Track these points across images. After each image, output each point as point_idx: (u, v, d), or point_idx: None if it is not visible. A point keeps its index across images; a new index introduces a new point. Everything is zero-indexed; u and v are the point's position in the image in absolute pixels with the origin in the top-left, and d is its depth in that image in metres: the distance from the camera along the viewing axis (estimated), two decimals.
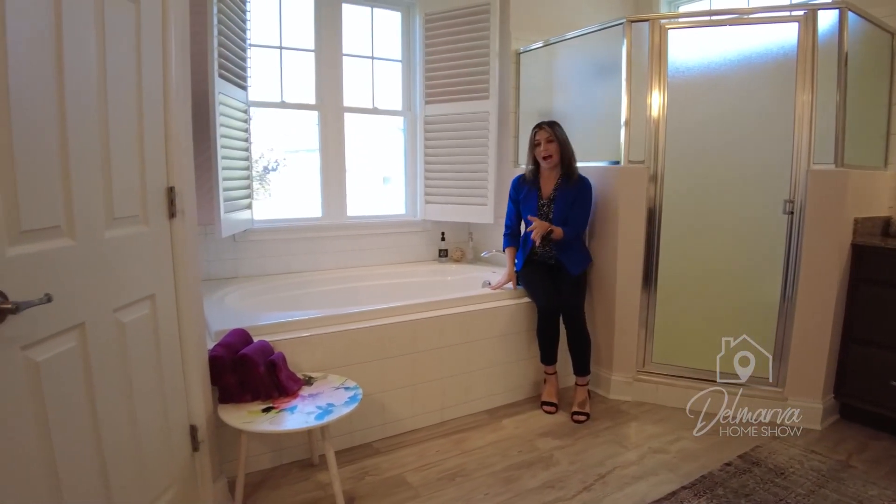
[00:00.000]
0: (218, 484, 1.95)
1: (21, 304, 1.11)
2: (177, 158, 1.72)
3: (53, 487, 1.22)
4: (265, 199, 3.83)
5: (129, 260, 1.52)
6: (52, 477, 1.22)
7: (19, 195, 1.14)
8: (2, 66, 1.09)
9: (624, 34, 2.70)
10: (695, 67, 2.64)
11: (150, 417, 1.60)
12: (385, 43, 3.65)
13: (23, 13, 1.14)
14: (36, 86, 1.19)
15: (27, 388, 1.17)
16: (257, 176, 3.88)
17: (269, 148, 3.83)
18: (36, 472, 1.18)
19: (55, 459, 1.22)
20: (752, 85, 2.52)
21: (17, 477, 1.13)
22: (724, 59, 2.56)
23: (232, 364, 2.00)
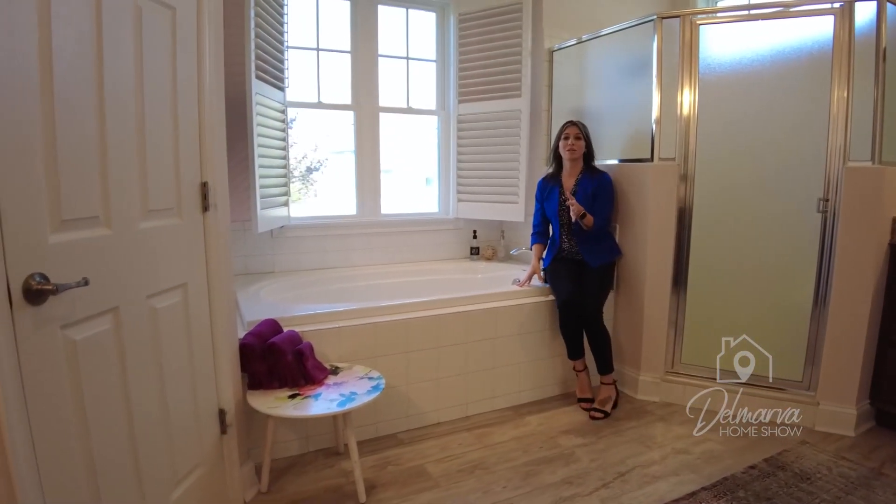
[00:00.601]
0: (245, 467, 2.05)
1: (60, 286, 1.22)
2: (210, 155, 1.82)
3: (87, 457, 1.33)
4: (310, 197, 3.99)
5: (162, 250, 1.63)
6: (86, 448, 1.33)
7: (61, 188, 1.25)
8: (48, 71, 1.20)
9: (654, 31, 2.67)
10: (726, 64, 2.59)
11: (180, 399, 1.70)
12: (420, 43, 3.71)
13: (66, 21, 1.24)
14: (78, 89, 1.29)
15: (66, 364, 1.28)
16: (301, 175, 4.03)
17: (313, 148, 3.97)
18: (72, 444, 1.28)
19: (89, 431, 1.33)
20: (786, 81, 2.45)
21: (55, 446, 1.23)
22: (757, 54, 2.50)
23: (261, 352, 2.09)
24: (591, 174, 2.87)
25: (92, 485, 1.34)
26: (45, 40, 1.19)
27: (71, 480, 1.28)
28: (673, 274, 2.79)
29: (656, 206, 2.78)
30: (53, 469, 1.23)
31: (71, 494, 1.28)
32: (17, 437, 1.13)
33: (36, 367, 1.19)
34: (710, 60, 2.61)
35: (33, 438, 1.18)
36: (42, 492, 1.19)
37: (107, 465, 1.39)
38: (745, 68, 2.53)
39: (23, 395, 1.15)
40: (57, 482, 1.23)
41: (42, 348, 1.21)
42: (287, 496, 2.07)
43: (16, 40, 1.12)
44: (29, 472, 1.16)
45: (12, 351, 1.13)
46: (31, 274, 1.18)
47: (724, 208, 2.67)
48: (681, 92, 2.66)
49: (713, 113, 2.64)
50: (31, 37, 1.15)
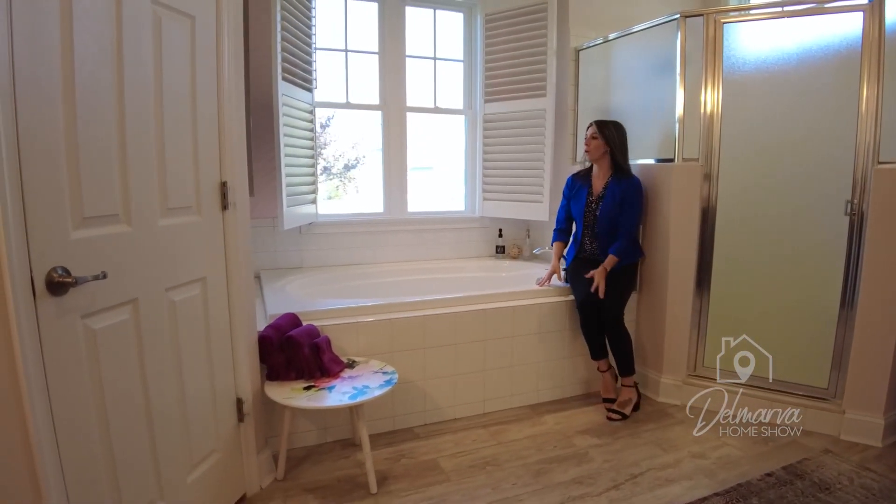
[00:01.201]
0: (262, 455, 2.14)
1: (79, 279, 1.32)
2: (230, 156, 1.91)
3: (105, 438, 1.43)
4: (351, 194, 4.09)
5: (181, 245, 1.72)
6: (105, 430, 1.43)
7: (83, 187, 1.35)
8: (70, 79, 1.29)
9: (678, 29, 2.62)
10: (751, 62, 2.52)
11: (197, 387, 1.80)
12: (448, 43, 3.74)
13: (88, 31, 1.34)
14: (99, 95, 1.39)
15: (85, 351, 1.38)
16: (339, 172, 4.14)
17: (351, 146, 4.06)
18: (91, 425, 1.39)
19: (107, 413, 1.43)
20: (812, 79, 2.37)
21: (75, 426, 1.33)
22: (783, 52, 2.42)
23: (279, 344, 2.18)
24: (621, 178, 2.80)
25: (109, 464, 1.44)
26: (68, 50, 1.28)
27: (89, 459, 1.38)
28: (696, 275, 2.73)
29: (679, 207, 2.73)
30: (73, 447, 1.33)
31: (89, 473, 1.38)
32: (38, 418, 1.22)
33: (57, 353, 1.29)
34: (735, 59, 2.54)
35: (54, 420, 1.27)
36: (62, 469, 1.29)
37: (124, 446, 1.49)
38: (771, 66, 2.45)
39: (44, 379, 1.26)
40: (76, 460, 1.33)
41: (63, 336, 1.32)
42: (301, 484, 2.15)
43: (39, 50, 1.21)
44: (49, 450, 1.26)
45: (35, 338, 1.23)
46: (54, 267, 1.28)
47: (749, 210, 2.60)
48: (704, 91, 2.60)
49: (738, 112, 2.58)
50: (54, 46, 1.25)
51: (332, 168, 4.28)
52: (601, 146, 2.79)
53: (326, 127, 4.53)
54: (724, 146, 2.61)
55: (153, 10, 1.56)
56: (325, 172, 4.35)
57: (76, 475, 1.33)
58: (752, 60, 2.51)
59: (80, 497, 1.34)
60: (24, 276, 1.21)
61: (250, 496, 2.06)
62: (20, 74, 1.17)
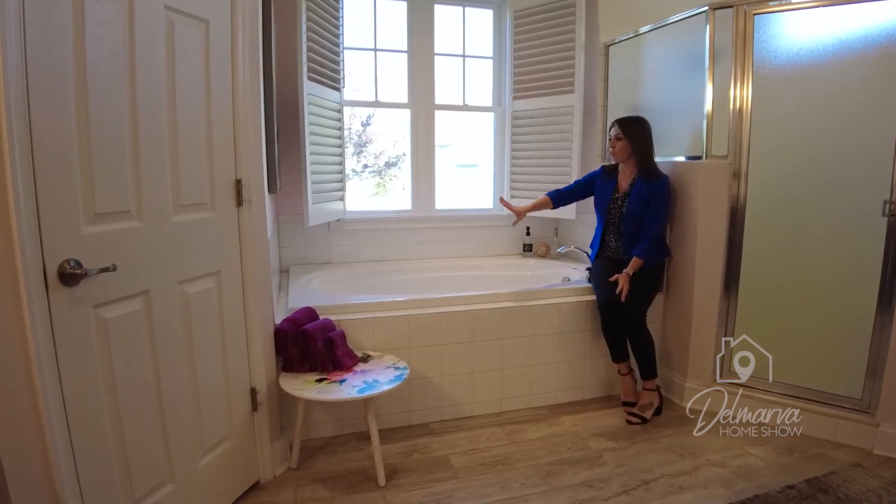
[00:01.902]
0: (276, 444, 2.21)
1: (89, 270, 1.40)
2: (245, 155, 1.98)
3: (116, 422, 1.52)
4: (390, 192, 4.16)
5: (195, 240, 1.80)
6: (116, 414, 1.51)
7: (95, 185, 1.43)
8: (82, 84, 1.37)
9: (707, 22, 2.52)
10: (784, 55, 2.39)
11: (210, 376, 1.88)
12: (478, 40, 3.74)
13: (100, 39, 1.42)
14: (111, 100, 1.47)
15: (97, 339, 1.46)
16: (380, 170, 4.21)
17: (393, 143, 4.13)
18: (102, 410, 1.47)
19: (118, 399, 1.52)
20: (849, 72, 2.23)
21: (87, 410, 1.42)
22: (817, 45, 2.29)
23: (294, 337, 2.24)
24: (648, 178, 2.70)
25: (120, 446, 1.53)
26: (80, 57, 1.36)
27: (100, 440, 1.47)
28: (723, 277, 2.63)
29: (707, 206, 2.63)
30: (84, 428, 1.41)
31: (100, 453, 1.47)
32: (49, 399, 1.31)
33: (70, 339, 1.38)
34: (766, 52, 2.42)
35: (65, 401, 1.36)
36: (72, 448, 1.38)
37: (135, 430, 1.58)
38: (804, 59, 2.33)
39: (56, 363, 1.34)
40: (87, 440, 1.42)
41: (75, 324, 1.40)
42: (313, 474, 2.21)
43: (52, 57, 1.29)
44: (60, 429, 1.34)
45: (47, 324, 1.32)
46: (67, 259, 1.36)
47: (780, 210, 2.48)
48: (734, 86, 2.50)
49: (769, 108, 2.46)
50: (67, 54, 1.33)
51: (372, 166, 4.37)
52: (626, 147, 2.71)
53: (367, 125, 4.63)
54: (755, 143, 2.49)
55: (166, 16, 1.63)
56: (366, 170, 4.45)
57: (87, 455, 1.42)
58: (785, 53, 2.39)
59: (90, 476, 1.43)
60: (37, 268, 1.29)
61: (263, 483, 2.13)
62: (34, 79, 1.25)
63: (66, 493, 1.35)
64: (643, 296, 2.72)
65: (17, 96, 1.21)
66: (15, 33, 1.20)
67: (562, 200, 3.01)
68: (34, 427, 1.30)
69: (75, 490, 1.39)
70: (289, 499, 2.05)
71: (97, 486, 1.46)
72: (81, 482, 1.41)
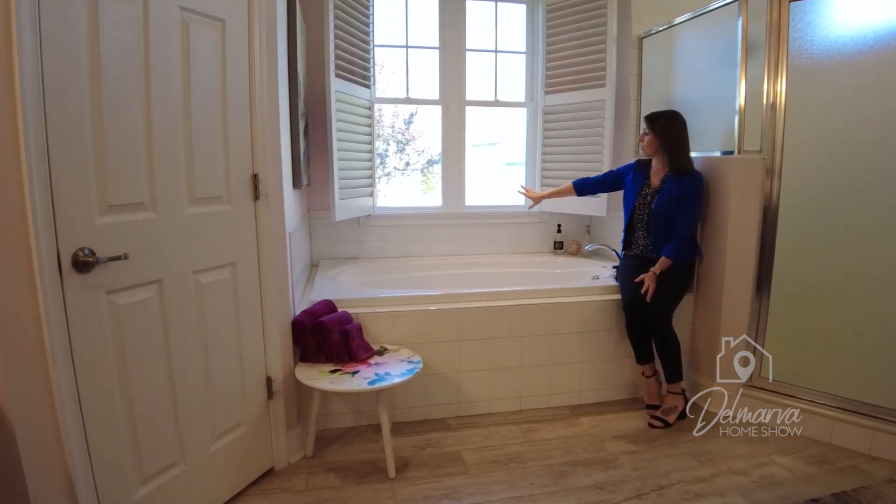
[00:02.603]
0: (292, 432, 2.27)
1: (100, 258, 1.48)
2: (262, 151, 2.04)
3: (127, 404, 1.60)
4: (432, 189, 4.21)
5: (209, 232, 1.87)
6: (127, 396, 1.60)
7: (109, 179, 1.51)
8: (96, 82, 1.45)
9: (739, 11, 2.41)
10: (822, 46, 2.25)
11: (223, 363, 1.94)
12: (511, 35, 3.70)
13: (114, 40, 1.49)
14: (125, 96, 1.54)
15: (110, 323, 1.54)
16: (422, 167, 4.26)
17: (436, 141, 4.15)
18: (114, 392, 1.56)
19: (130, 381, 1.60)
20: (890, 63, 2.08)
21: (99, 391, 1.50)
22: (856, 34, 2.15)
23: (311, 329, 2.29)
24: (680, 174, 2.59)
25: (131, 426, 1.61)
26: (94, 56, 1.44)
27: (111, 420, 1.56)
28: (755, 278, 2.51)
29: (738, 203, 2.51)
30: (96, 407, 1.50)
31: (111, 432, 1.55)
32: (61, 378, 1.39)
33: (83, 322, 1.46)
34: (803, 42, 2.28)
35: (78, 380, 1.45)
36: (84, 426, 1.47)
37: (146, 411, 1.66)
38: (843, 50, 2.18)
39: (69, 344, 1.43)
40: (98, 418, 1.51)
41: (88, 309, 1.49)
42: (327, 462, 2.26)
43: (68, 53, 1.37)
44: (71, 406, 1.43)
45: (60, 309, 1.41)
46: (81, 248, 1.45)
47: (817, 208, 2.34)
48: (767, 78, 2.37)
49: (805, 101, 2.32)
50: (81, 54, 1.41)
51: (415, 163, 4.42)
52: (653, 142, 2.62)
53: (410, 123, 4.68)
54: (789, 138, 2.36)
55: (181, 17, 1.70)
56: (408, 167, 4.50)
57: (98, 433, 1.51)
58: (822, 43, 2.25)
59: (101, 453, 1.52)
60: (51, 255, 1.38)
61: (278, 470, 2.19)
62: (49, 78, 1.33)
63: (76, 469, 1.44)
64: (670, 297, 2.63)
65: (32, 94, 1.29)
66: (30, 34, 1.28)
67: (586, 189, 2.96)
68: (47, 405, 1.38)
69: (86, 466, 1.48)
70: (300, 486, 2.11)
71: (108, 463, 1.55)
72: (92, 459, 1.50)
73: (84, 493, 1.47)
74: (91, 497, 1.50)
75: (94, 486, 1.51)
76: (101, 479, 1.53)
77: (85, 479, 1.48)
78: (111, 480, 1.56)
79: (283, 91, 2.36)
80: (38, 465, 1.37)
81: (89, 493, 1.50)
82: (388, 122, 4.41)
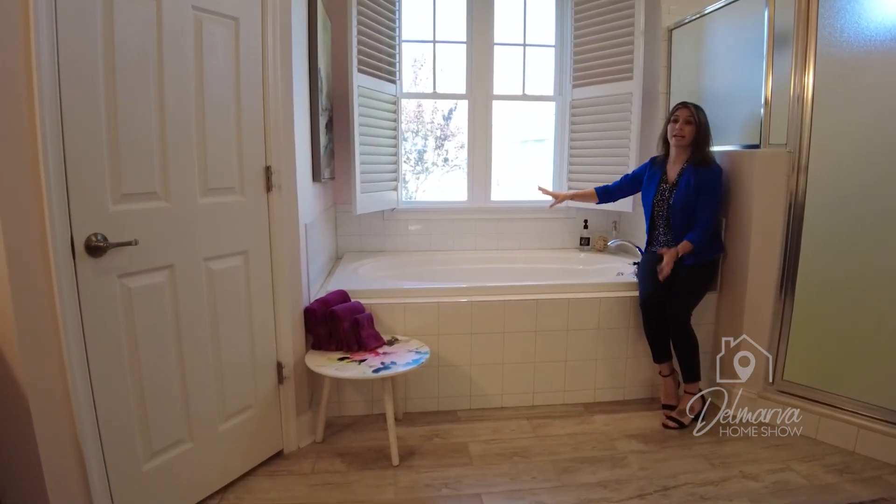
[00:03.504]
0: (302, 417, 2.34)
1: (112, 243, 1.58)
2: (276, 144, 2.11)
3: (138, 383, 1.70)
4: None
5: (221, 222, 1.95)
6: (138, 376, 1.70)
7: (122, 169, 1.61)
8: (111, 79, 1.55)
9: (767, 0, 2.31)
10: (854, 36, 2.12)
11: (234, 348, 2.03)
12: (538, 29, 3.66)
13: (129, 37, 1.59)
14: (139, 92, 1.63)
15: (121, 305, 1.64)
16: (462, 164, 4.29)
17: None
18: (125, 371, 1.66)
19: (140, 360, 1.70)
20: None
21: (109, 367, 1.61)
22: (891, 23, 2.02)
23: (322, 317, 2.36)
24: (699, 165, 2.54)
25: (140, 403, 1.71)
26: (110, 51, 1.54)
27: (121, 396, 1.66)
28: (779, 277, 2.41)
29: (762, 200, 2.42)
30: (106, 383, 1.60)
31: (120, 408, 1.66)
32: (73, 356, 1.50)
33: (95, 304, 1.57)
34: (833, 31, 2.17)
35: (89, 358, 1.55)
36: (94, 401, 1.57)
37: (155, 390, 1.76)
38: (876, 39, 2.05)
39: (81, 324, 1.53)
40: (108, 394, 1.61)
41: (101, 290, 1.59)
42: (335, 448, 2.32)
43: (84, 51, 1.47)
44: (83, 383, 1.53)
45: (73, 290, 1.51)
46: (94, 233, 1.55)
47: (845, 206, 2.22)
48: (794, 68, 2.26)
49: (835, 93, 2.21)
50: (97, 51, 1.51)
51: (454, 159, 4.45)
52: (693, 132, 2.55)
53: (449, 119, 4.71)
54: (817, 132, 2.25)
55: (194, 16, 1.78)
56: (447, 163, 4.54)
57: (107, 407, 1.61)
58: (855, 34, 2.12)
59: (110, 426, 1.62)
60: (65, 240, 1.48)
61: (287, 453, 2.27)
62: (66, 74, 1.43)
63: (85, 438, 1.54)
64: (690, 294, 2.56)
65: (49, 90, 1.39)
66: (47, 32, 1.37)
67: (608, 196, 2.93)
68: (59, 378, 1.48)
69: (95, 437, 1.58)
70: (307, 469, 2.18)
71: (117, 436, 1.65)
72: (101, 430, 1.60)
73: (93, 461, 1.57)
74: (99, 466, 1.60)
75: (103, 457, 1.62)
76: (110, 450, 1.63)
77: (94, 449, 1.58)
78: (119, 452, 1.66)
79: (301, 86, 2.43)
80: (49, 434, 1.48)
81: (98, 462, 1.60)
82: (428, 117, 4.46)
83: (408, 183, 4.04)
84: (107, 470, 1.63)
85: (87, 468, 1.56)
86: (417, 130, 4.34)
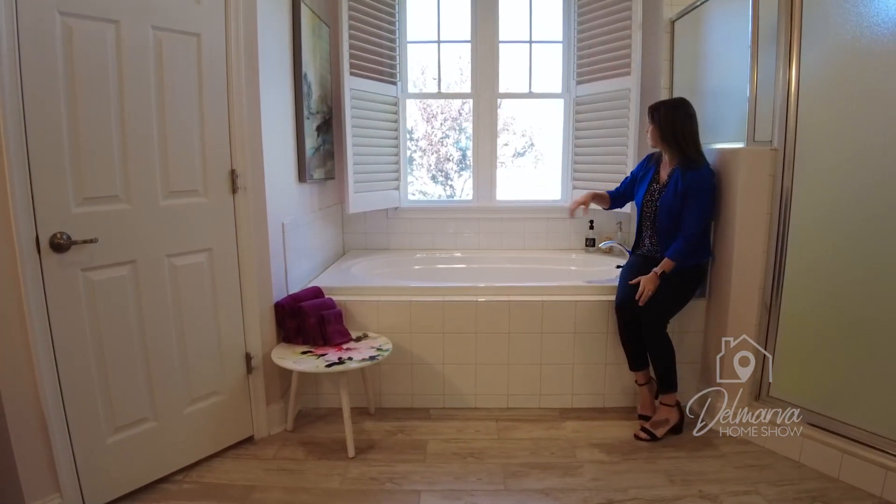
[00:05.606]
0: (273, 406, 2.47)
1: (74, 241, 1.76)
2: (241, 148, 2.24)
3: (102, 367, 1.89)
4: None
5: (184, 221, 2.11)
6: (102, 361, 1.89)
7: (85, 174, 1.80)
8: (72, 90, 1.73)
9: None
10: (843, 30, 1.96)
11: (199, 338, 2.18)
12: (545, 25, 3.60)
13: (88, 52, 1.76)
14: (101, 103, 1.81)
15: (85, 297, 1.83)
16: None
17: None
18: (89, 357, 1.85)
19: (103, 348, 1.88)
20: None
21: (75, 353, 1.80)
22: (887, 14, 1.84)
23: (290, 312, 2.48)
24: (686, 167, 2.41)
25: (104, 385, 1.90)
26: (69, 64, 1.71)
27: (86, 379, 1.85)
28: (763, 284, 2.27)
29: (746, 201, 2.28)
30: (71, 367, 1.81)
31: (85, 390, 1.85)
32: (39, 343, 1.70)
33: (60, 295, 1.77)
34: (820, 25, 2.01)
35: (55, 346, 1.75)
36: (59, 382, 1.77)
37: (119, 372, 1.94)
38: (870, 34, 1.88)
39: (46, 314, 1.73)
40: (74, 377, 1.81)
41: (65, 282, 1.78)
42: (303, 437, 2.45)
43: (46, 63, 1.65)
44: (48, 367, 1.74)
45: (38, 282, 1.71)
46: (58, 232, 1.74)
47: (836, 208, 2.06)
48: (779, 64, 2.12)
49: (825, 87, 2.05)
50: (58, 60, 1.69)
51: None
52: (654, 132, 2.45)
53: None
54: (806, 130, 2.10)
55: (154, 35, 1.93)
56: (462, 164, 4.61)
57: (72, 385, 1.81)
58: (844, 26, 1.95)
59: (75, 402, 1.82)
60: (30, 238, 1.68)
61: (257, 439, 2.42)
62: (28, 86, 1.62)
63: (49, 412, 1.75)
64: (669, 301, 2.44)
65: (11, 103, 1.59)
66: (8, 52, 1.56)
67: (616, 201, 2.81)
68: (26, 361, 1.69)
69: (59, 411, 1.79)
70: (269, 455, 2.31)
71: (81, 411, 1.85)
72: (66, 406, 1.80)
73: (57, 432, 1.78)
74: (63, 437, 1.81)
75: (67, 428, 1.81)
76: (75, 423, 1.83)
77: (58, 421, 1.78)
78: (84, 425, 1.86)
79: (282, 93, 2.57)
80: (17, 408, 1.70)
81: (62, 432, 1.80)
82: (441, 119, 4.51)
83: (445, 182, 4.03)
84: (71, 440, 1.82)
85: (51, 437, 1.76)
86: (463, 129, 4.36)
